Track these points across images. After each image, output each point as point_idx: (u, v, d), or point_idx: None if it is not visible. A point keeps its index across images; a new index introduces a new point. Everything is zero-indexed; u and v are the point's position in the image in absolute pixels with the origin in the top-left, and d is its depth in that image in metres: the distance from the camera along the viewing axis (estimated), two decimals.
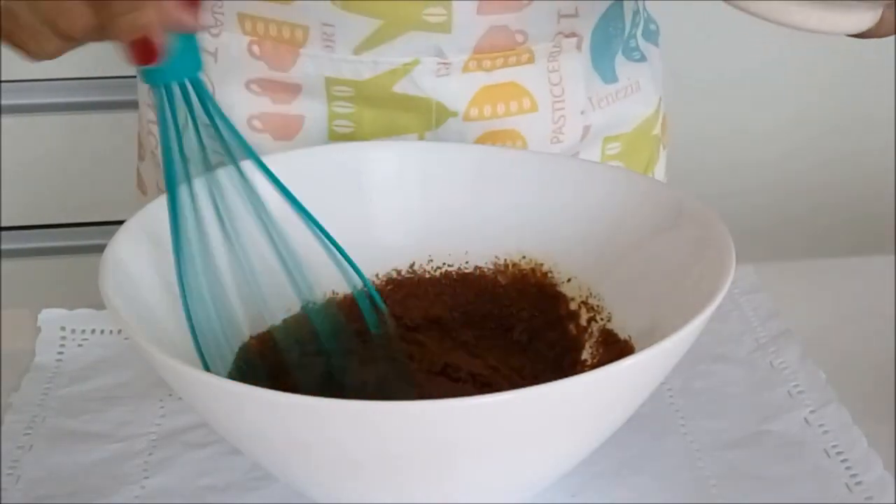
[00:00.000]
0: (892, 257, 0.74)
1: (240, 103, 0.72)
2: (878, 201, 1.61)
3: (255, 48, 0.70)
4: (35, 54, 0.52)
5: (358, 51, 0.68)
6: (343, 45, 0.68)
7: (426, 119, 0.71)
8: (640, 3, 0.79)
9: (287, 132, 0.72)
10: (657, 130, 0.81)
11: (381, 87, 0.69)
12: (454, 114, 0.70)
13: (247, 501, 0.55)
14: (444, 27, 0.68)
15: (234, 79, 0.71)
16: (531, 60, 0.71)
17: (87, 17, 0.49)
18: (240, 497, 0.55)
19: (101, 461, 0.57)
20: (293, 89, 0.71)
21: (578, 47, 0.72)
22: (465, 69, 0.70)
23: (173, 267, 0.52)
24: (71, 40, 0.50)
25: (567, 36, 0.71)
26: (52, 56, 0.52)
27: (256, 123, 0.72)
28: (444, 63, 0.69)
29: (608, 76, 0.75)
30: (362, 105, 0.70)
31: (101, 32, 0.49)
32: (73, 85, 1.44)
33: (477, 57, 0.69)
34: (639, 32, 0.78)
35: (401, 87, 0.70)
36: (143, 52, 0.48)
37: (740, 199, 1.45)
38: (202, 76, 0.52)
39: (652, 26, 0.81)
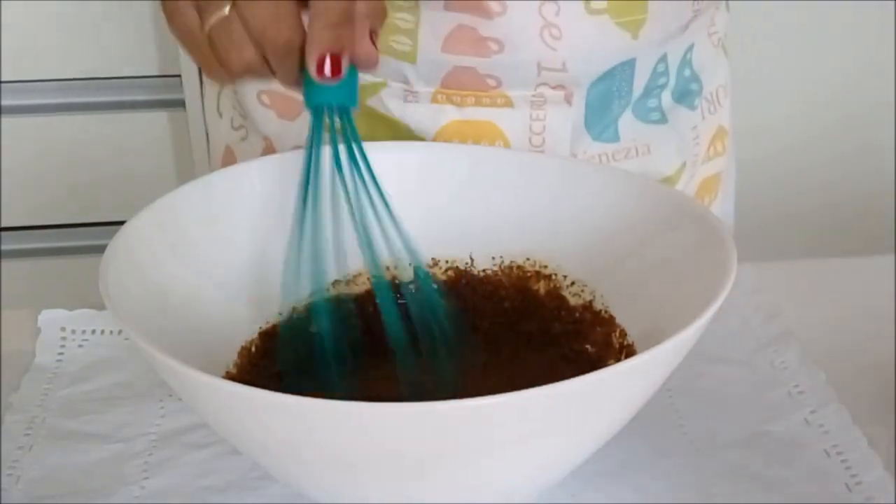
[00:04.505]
0: (892, 257, 0.74)
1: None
2: (878, 201, 1.61)
3: None
4: (228, 67, 0.52)
5: None
6: None
7: (400, 139, 0.70)
8: (673, 63, 0.73)
9: (290, 112, 0.73)
10: (681, 188, 0.76)
11: None
12: (422, 139, 0.70)
13: (247, 501, 0.55)
14: (410, 57, 0.67)
15: None
16: (509, 104, 0.69)
17: (295, 31, 0.50)
18: (240, 497, 0.55)
19: (101, 461, 0.57)
20: None
21: (568, 101, 0.69)
22: (434, 100, 0.69)
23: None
24: (273, 51, 0.51)
25: (554, 87, 0.68)
26: (240, 72, 0.52)
27: (265, 98, 0.73)
28: (411, 91, 0.69)
29: (607, 135, 0.72)
30: None
31: (298, 49, 0.51)
32: (74, 85, 1.45)
33: (444, 91, 0.68)
34: (665, 93, 0.74)
35: (372, 104, 0.70)
36: (332, 67, 0.50)
37: (741, 198, 1.45)
38: (353, 111, 0.54)
39: (693, 86, 0.76)
